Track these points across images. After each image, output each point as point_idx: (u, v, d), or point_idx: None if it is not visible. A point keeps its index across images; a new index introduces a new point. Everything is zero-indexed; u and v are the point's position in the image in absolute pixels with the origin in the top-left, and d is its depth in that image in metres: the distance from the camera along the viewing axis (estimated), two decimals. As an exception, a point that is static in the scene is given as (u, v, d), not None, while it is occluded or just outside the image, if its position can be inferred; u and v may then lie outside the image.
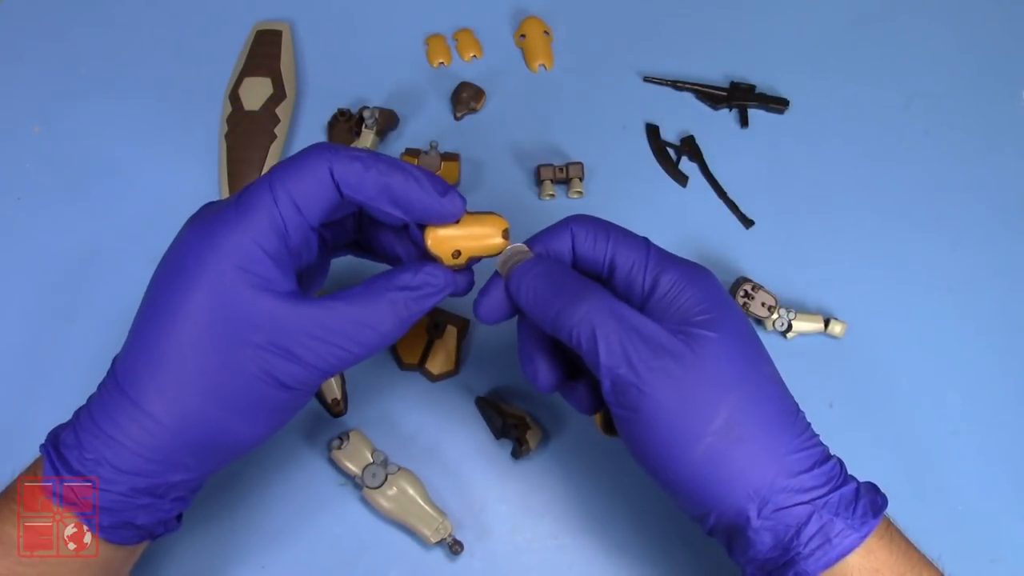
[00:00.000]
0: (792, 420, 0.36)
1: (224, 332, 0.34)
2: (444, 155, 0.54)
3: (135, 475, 0.34)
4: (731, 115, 0.59)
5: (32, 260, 0.53)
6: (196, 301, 0.34)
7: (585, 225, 0.39)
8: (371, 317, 0.36)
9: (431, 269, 0.37)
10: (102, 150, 0.56)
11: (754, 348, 0.37)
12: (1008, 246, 0.56)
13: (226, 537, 0.47)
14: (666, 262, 0.38)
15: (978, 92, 0.60)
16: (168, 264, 0.36)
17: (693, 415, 0.34)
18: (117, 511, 0.35)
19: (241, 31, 0.59)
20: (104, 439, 0.34)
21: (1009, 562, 0.48)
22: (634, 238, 0.39)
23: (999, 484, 0.50)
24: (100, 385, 0.36)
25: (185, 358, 0.34)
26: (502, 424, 0.48)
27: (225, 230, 0.35)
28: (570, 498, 0.48)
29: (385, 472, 0.46)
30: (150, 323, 0.35)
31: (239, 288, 0.34)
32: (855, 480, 0.36)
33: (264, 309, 0.34)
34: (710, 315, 0.36)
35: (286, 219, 0.35)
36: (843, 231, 0.56)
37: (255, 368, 0.35)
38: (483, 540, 0.47)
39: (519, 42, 0.60)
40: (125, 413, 0.34)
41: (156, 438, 0.34)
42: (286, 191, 0.35)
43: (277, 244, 0.35)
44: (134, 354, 0.35)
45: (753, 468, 0.34)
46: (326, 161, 0.35)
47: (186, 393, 0.34)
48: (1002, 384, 0.52)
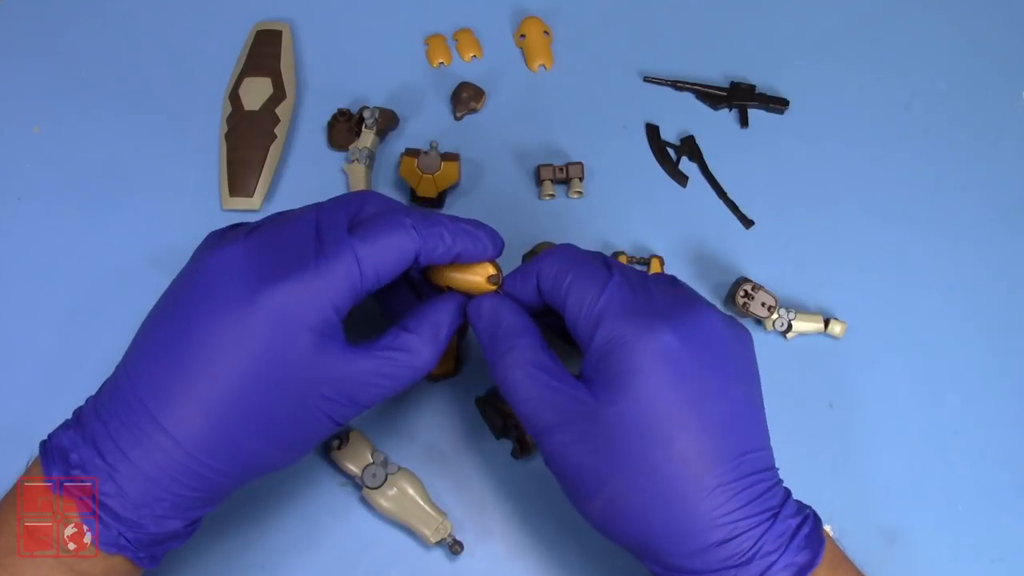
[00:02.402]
0: (703, 494, 0.34)
1: (290, 385, 0.34)
2: (444, 155, 0.54)
3: (186, 511, 0.35)
4: (731, 115, 0.59)
5: (32, 260, 0.53)
6: (261, 356, 0.34)
7: (550, 263, 0.39)
8: (414, 356, 0.38)
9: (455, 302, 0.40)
10: (102, 150, 0.56)
11: (668, 423, 0.34)
12: (1008, 246, 0.56)
13: (226, 537, 0.47)
14: (607, 314, 0.36)
15: (978, 92, 0.60)
16: (222, 307, 0.34)
17: (586, 480, 0.36)
18: (165, 542, 0.36)
19: (241, 31, 0.59)
20: (156, 492, 0.34)
21: (1009, 562, 0.49)
22: (590, 281, 0.37)
23: (999, 484, 0.50)
24: (116, 405, 0.34)
25: (241, 406, 0.34)
26: (502, 424, 0.48)
27: (307, 299, 0.34)
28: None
29: (385, 472, 0.46)
30: (196, 365, 0.34)
31: (310, 348, 0.34)
32: (783, 551, 0.34)
33: (334, 365, 0.35)
34: (625, 383, 0.34)
35: (364, 288, 0.36)
36: (843, 231, 0.56)
37: (319, 415, 0.36)
38: (483, 540, 0.47)
39: (519, 42, 0.60)
40: (176, 462, 0.34)
41: (211, 482, 0.35)
42: (373, 268, 0.36)
43: (347, 305, 0.36)
44: (176, 391, 0.34)
45: (645, 536, 0.35)
46: (414, 243, 0.37)
47: (239, 437, 0.35)
48: (1002, 384, 0.52)
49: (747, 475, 0.35)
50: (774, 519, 0.34)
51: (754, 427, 0.37)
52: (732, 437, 0.35)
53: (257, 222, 0.38)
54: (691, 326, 0.35)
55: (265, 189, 0.55)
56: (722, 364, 0.36)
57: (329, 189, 0.55)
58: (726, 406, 0.35)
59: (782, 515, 0.35)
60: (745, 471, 0.35)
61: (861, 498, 0.38)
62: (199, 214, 0.54)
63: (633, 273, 0.38)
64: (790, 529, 0.35)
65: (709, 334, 0.36)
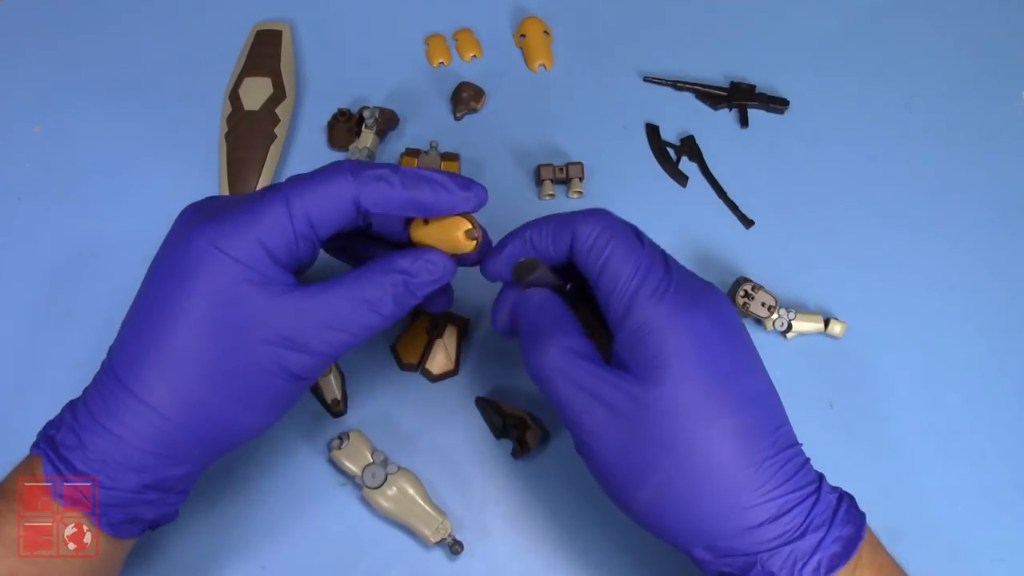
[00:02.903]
0: (752, 471, 0.34)
1: (233, 329, 0.34)
2: (444, 155, 0.54)
3: (143, 471, 0.35)
4: (731, 115, 0.59)
5: (32, 260, 0.53)
6: (200, 298, 0.34)
7: (590, 227, 0.37)
8: (375, 301, 0.36)
9: (432, 256, 0.37)
10: (102, 150, 0.56)
11: (709, 402, 0.34)
12: (1008, 246, 0.56)
13: (226, 537, 0.47)
14: (640, 295, 0.35)
15: (978, 92, 0.60)
16: (168, 258, 0.36)
17: (632, 471, 0.35)
18: (125, 506, 0.35)
19: (241, 31, 0.59)
20: (109, 438, 0.34)
21: (1009, 562, 0.48)
22: (627, 257, 0.36)
23: (999, 484, 0.50)
24: (95, 381, 0.36)
25: (192, 354, 0.34)
26: (502, 424, 0.48)
27: (233, 232, 0.35)
28: (570, 498, 0.48)
29: (385, 472, 0.46)
30: (151, 319, 0.35)
31: (246, 286, 0.34)
32: (828, 525, 0.34)
33: (273, 306, 0.35)
34: (664, 367, 0.34)
35: (298, 233, 0.35)
36: (843, 231, 0.56)
37: (267, 362, 0.35)
38: (483, 540, 0.47)
39: (519, 42, 0.60)
40: (130, 410, 0.34)
41: (165, 434, 0.34)
42: (303, 209, 0.35)
43: (284, 252, 0.35)
44: (135, 349, 0.35)
45: (696, 520, 0.35)
46: (350, 185, 0.36)
47: (195, 389, 0.34)
48: (1002, 384, 0.52)
49: (785, 448, 0.35)
50: (818, 493, 0.35)
51: (778, 401, 0.37)
52: (765, 411, 0.35)
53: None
54: (715, 306, 0.36)
55: (265, 189, 0.55)
56: (744, 342, 0.37)
57: (329, 189, 0.55)
58: (754, 381, 0.36)
59: (823, 489, 0.35)
60: (782, 445, 0.35)
61: (861, 498, 0.38)
62: (199, 214, 0.54)
63: (658, 249, 0.38)
64: (832, 504, 0.35)
65: (729, 313, 0.37)
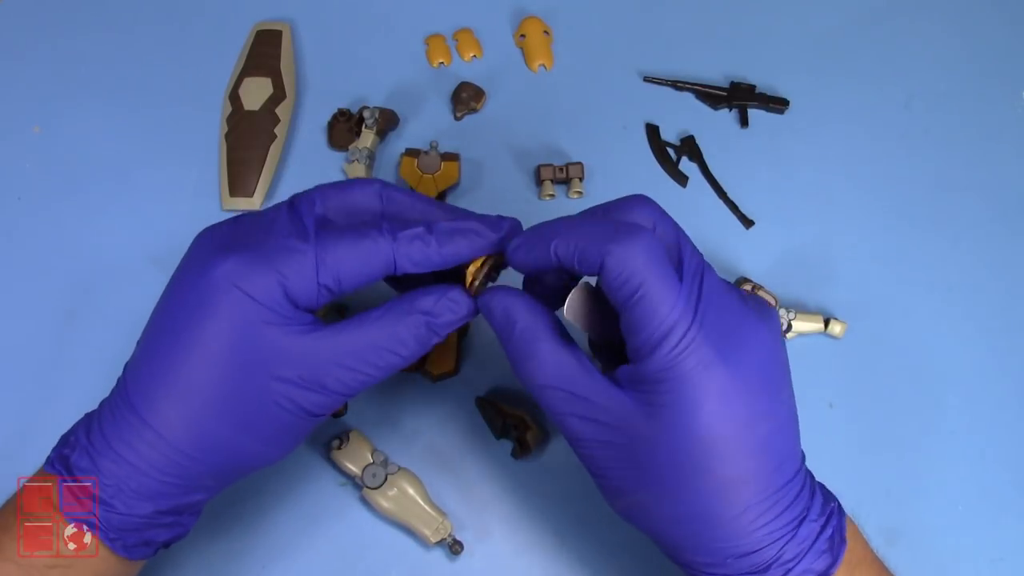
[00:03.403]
0: (735, 521, 0.33)
1: (249, 366, 0.34)
2: (444, 155, 0.54)
3: (158, 498, 0.35)
4: (731, 115, 0.59)
5: (32, 260, 0.53)
6: (218, 333, 0.34)
7: (623, 261, 0.33)
8: (395, 343, 0.36)
9: (455, 295, 0.37)
10: (102, 150, 0.56)
11: (711, 452, 0.33)
12: (1008, 246, 0.56)
13: (226, 537, 0.47)
14: (668, 340, 0.32)
15: (978, 92, 0.60)
16: (186, 287, 0.35)
17: (618, 481, 0.35)
18: (140, 531, 0.35)
19: (241, 31, 0.59)
20: (125, 466, 0.34)
21: (1009, 562, 0.48)
22: (663, 300, 0.32)
23: (999, 484, 0.50)
24: (110, 405, 0.35)
25: (207, 389, 0.34)
26: (502, 424, 0.48)
27: (254, 272, 0.34)
28: (570, 498, 0.48)
29: (385, 472, 0.46)
30: (167, 350, 0.34)
31: (264, 326, 0.34)
32: (801, 558, 0.34)
33: (291, 346, 0.34)
34: (674, 412, 0.33)
35: (321, 286, 0.35)
36: (843, 231, 0.56)
37: (283, 400, 0.35)
38: (483, 540, 0.47)
39: (519, 42, 0.60)
40: (145, 441, 0.34)
41: (180, 466, 0.34)
42: (334, 266, 0.35)
43: (305, 299, 0.35)
44: (150, 380, 0.34)
45: (668, 539, 0.35)
46: (388, 248, 0.35)
47: (210, 423, 0.34)
48: (1002, 384, 0.52)
49: (779, 488, 0.34)
50: (800, 525, 0.34)
51: (788, 429, 0.36)
52: (771, 455, 0.34)
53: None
54: (745, 351, 0.34)
55: (265, 189, 0.55)
56: (769, 381, 0.35)
57: (329, 189, 0.55)
58: (769, 425, 0.34)
59: (808, 519, 0.34)
60: (778, 484, 0.34)
61: (861, 498, 0.38)
62: (199, 214, 0.54)
63: (697, 282, 0.34)
64: (813, 534, 0.34)
65: (759, 354, 0.34)
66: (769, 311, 0.37)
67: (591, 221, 0.35)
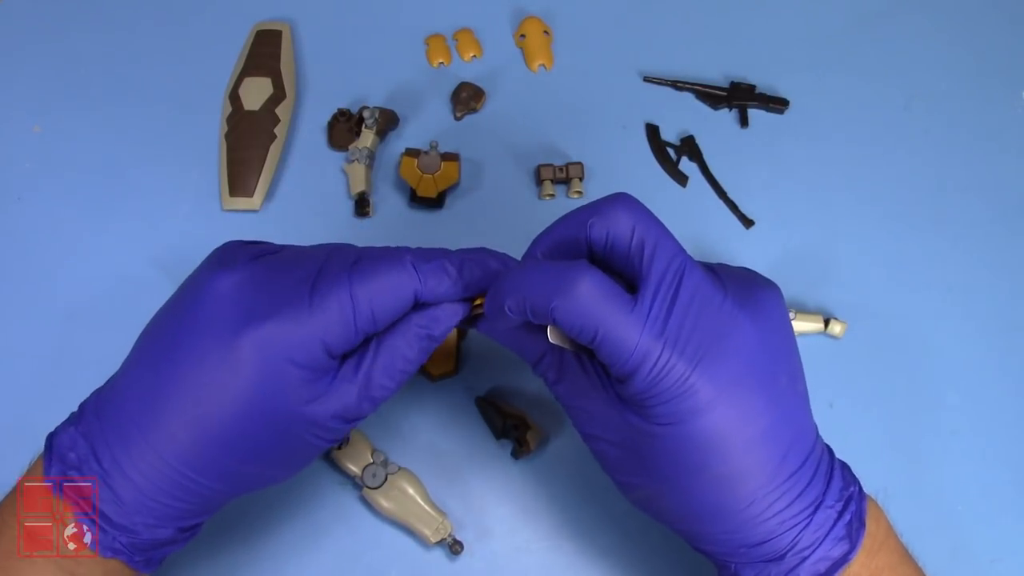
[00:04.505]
0: (741, 513, 0.34)
1: (278, 414, 0.34)
2: (444, 155, 0.54)
3: (178, 519, 0.35)
4: (731, 115, 0.59)
5: (32, 260, 0.53)
6: (248, 391, 0.33)
7: (570, 315, 0.33)
8: (410, 362, 0.37)
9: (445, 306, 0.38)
10: (102, 150, 0.56)
11: (713, 451, 0.33)
12: (1008, 246, 0.56)
13: (225, 538, 0.47)
14: (636, 383, 0.33)
15: (978, 92, 0.60)
16: (217, 347, 0.33)
17: (621, 475, 0.37)
18: (160, 547, 0.36)
19: (241, 31, 0.59)
20: (148, 503, 0.34)
21: (1009, 562, 0.48)
22: (622, 343, 0.32)
23: (999, 484, 0.50)
24: (121, 428, 0.34)
25: (233, 434, 0.34)
26: (502, 424, 0.48)
27: (296, 335, 0.33)
28: (570, 498, 0.48)
29: (385, 472, 0.46)
30: (189, 399, 0.33)
31: (299, 382, 0.34)
32: (817, 545, 0.34)
33: (322, 394, 0.35)
34: (671, 422, 0.33)
35: (359, 330, 0.35)
36: (843, 231, 0.56)
37: (314, 439, 0.36)
38: (483, 540, 0.47)
39: (519, 42, 0.60)
40: (167, 478, 0.34)
41: (201, 496, 0.35)
42: (369, 307, 0.34)
43: (344, 346, 0.35)
44: (171, 424, 0.33)
45: (683, 529, 0.36)
46: (413, 281, 0.35)
47: (234, 462, 0.35)
48: (1002, 384, 0.52)
49: (787, 478, 0.34)
50: (815, 511, 0.34)
51: (795, 417, 0.35)
52: (772, 447, 0.34)
53: (268, 247, 0.37)
54: (730, 353, 0.33)
55: (265, 189, 0.55)
56: (762, 375, 0.34)
57: (329, 189, 0.55)
58: (768, 418, 0.33)
59: (824, 504, 0.34)
60: (785, 474, 0.34)
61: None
62: (199, 214, 0.54)
63: (669, 290, 0.33)
64: (830, 520, 0.34)
65: (746, 352, 0.33)
66: (765, 293, 0.36)
67: (536, 272, 0.34)
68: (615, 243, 0.35)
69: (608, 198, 0.36)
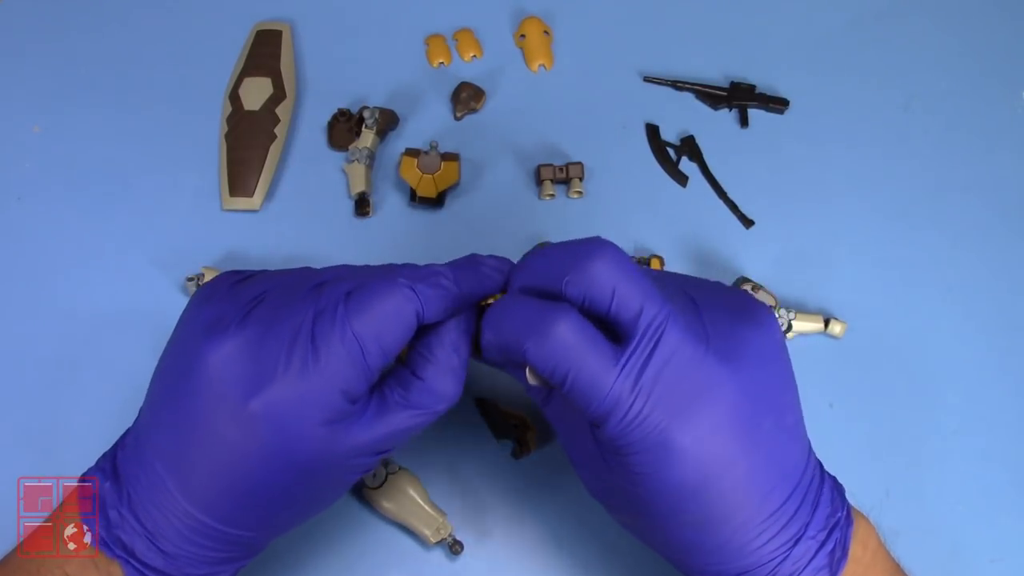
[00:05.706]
0: (722, 542, 0.33)
1: (308, 468, 0.34)
2: (444, 155, 0.54)
3: (218, 564, 0.36)
4: (731, 115, 0.59)
5: (32, 260, 0.53)
6: (270, 449, 0.33)
7: (542, 356, 0.33)
8: (436, 401, 0.37)
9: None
10: (102, 150, 0.56)
11: (694, 496, 0.32)
12: (1008, 246, 0.56)
13: (226, 537, 0.47)
14: (608, 429, 0.32)
15: (978, 92, 0.60)
16: (219, 403, 0.33)
17: (604, 499, 0.37)
18: None
19: (241, 31, 0.59)
20: (191, 550, 0.34)
21: (1009, 562, 0.49)
22: (593, 389, 0.32)
23: (999, 484, 0.50)
24: (149, 484, 0.34)
25: (263, 486, 0.34)
26: (502, 424, 0.48)
27: (320, 394, 0.33)
28: (570, 499, 0.48)
29: (385, 472, 0.46)
30: (214, 458, 0.33)
31: (334, 435, 0.34)
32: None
33: (362, 432, 0.35)
34: (649, 468, 0.32)
35: (373, 368, 0.34)
36: (843, 231, 0.56)
37: (346, 475, 0.36)
38: (483, 540, 0.47)
39: (519, 42, 0.60)
40: (203, 534, 0.34)
41: (239, 546, 0.36)
42: (378, 346, 0.34)
43: (361, 386, 0.34)
44: (202, 480, 0.33)
45: (683, 566, 0.36)
46: (414, 303, 0.34)
47: (267, 513, 0.35)
48: (1002, 384, 0.52)
49: (770, 515, 0.33)
50: (795, 544, 0.34)
51: (781, 454, 0.34)
52: (753, 488, 0.33)
53: (249, 284, 0.36)
54: (708, 404, 0.32)
55: (265, 189, 0.55)
56: (744, 422, 0.33)
57: (329, 189, 0.55)
58: (749, 461, 0.33)
59: (805, 536, 0.34)
60: (767, 512, 0.33)
61: (861, 499, 0.38)
62: (199, 214, 0.54)
63: (650, 342, 0.32)
64: (811, 551, 0.34)
65: (725, 403, 0.32)
66: (754, 330, 0.35)
67: (512, 309, 0.34)
68: (593, 303, 0.33)
69: (583, 249, 0.34)
